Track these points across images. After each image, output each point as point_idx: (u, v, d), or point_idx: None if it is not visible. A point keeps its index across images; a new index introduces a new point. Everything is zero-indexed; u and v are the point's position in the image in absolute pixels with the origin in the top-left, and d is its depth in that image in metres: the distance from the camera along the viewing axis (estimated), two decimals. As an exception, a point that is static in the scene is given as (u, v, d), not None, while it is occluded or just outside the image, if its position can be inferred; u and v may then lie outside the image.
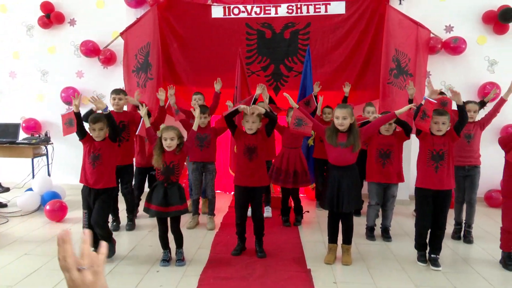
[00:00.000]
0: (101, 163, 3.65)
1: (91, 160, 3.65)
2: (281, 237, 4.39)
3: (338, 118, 3.55)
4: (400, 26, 5.59)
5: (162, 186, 3.58)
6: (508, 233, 3.65)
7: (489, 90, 5.81)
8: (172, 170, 3.60)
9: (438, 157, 3.58)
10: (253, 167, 3.79)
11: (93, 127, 3.65)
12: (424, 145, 3.66)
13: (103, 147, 3.68)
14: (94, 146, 3.68)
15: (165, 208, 3.56)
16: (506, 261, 3.67)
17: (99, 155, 3.65)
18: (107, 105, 3.74)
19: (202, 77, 5.93)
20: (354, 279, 3.40)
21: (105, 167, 3.68)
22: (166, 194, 3.55)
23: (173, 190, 3.58)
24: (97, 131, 3.64)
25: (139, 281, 3.32)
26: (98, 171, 3.65)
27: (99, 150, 3.66)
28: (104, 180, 3.67)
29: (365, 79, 5.78)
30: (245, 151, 3.80)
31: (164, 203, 3.54)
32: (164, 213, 3.59)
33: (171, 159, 3.60)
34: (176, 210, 3.60)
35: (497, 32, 5.91)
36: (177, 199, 3.58)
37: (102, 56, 6.28)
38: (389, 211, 4.40)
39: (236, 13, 5.86)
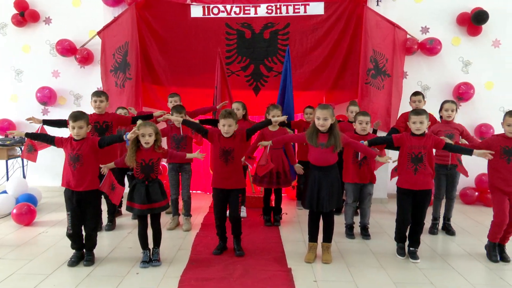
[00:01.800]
0: (81, 164, 3.54)
1: (71, 162, 3.55)
2: (261, 237, 4.40)
3: (319, 119, 3.59)
4: (377, 27, 5.69)
5: (143, 184, 3.54)
6: (498, 226, 3.75)
7: (464, 90, 6.00)
8: (152, 168, 3.57)
9: (417, 160, 3.68)
10: (229, 170, 3.78)
11: (73, 125, 3.53)
12: (403, 149, 3.76)
13: (83, 147, 3.56)
14: (73, 146, 3.57)
15: (148, 206, 3.54)
16: (490, 251, 3.81)
17: (79, 156, 3.54)
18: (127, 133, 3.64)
19: (182, 77, 5.90)
20: (334, 277, 3.43)
21: (86, 168, 3.56)
22: (148, 192, 3.52)
23: (154, 187, 3.56)
24: (76, 129, 3.53)
25: (118, 283, 3.27)
26: (79, 173, 3.54)
27: (79, 150, 3.55)
28: (86, 182, 3.56)
29: (343, 79, 5.86)
30: (221, 154, 3.78)
31: (146, 201, 3.52)
32: (147, 210, 3.56)
33: (150, 157, 3.57)
34: (160, 206, 3.59)
35: (470, 34, 6.06)
36: (159, 196, 3.57)
37: (79, 56, 6.17)
38: (367, 209, 4.47)
39: (215, 12, 5.85)
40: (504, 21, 6.03)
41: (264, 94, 5.87)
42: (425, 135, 3.74)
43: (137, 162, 3.55)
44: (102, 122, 4.46)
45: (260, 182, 4.81)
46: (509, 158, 3.67)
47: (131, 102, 5.61)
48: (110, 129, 4.51)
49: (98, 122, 4.44)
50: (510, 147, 3.67)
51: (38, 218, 4.98)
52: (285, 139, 4.16)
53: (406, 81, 6.08)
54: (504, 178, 3.69)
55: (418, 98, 4.98)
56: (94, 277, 3.39)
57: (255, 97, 5.90)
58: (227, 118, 3.72)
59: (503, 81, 6.11)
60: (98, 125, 4.44)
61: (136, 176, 3.59)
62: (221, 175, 3.81)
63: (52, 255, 3.87)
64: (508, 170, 3.67)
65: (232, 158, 3.77)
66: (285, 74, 5.41)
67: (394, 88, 5.82)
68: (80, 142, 3.58)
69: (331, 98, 5.89)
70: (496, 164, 3.72)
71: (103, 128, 4.47)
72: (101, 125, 4.46)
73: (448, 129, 4.47)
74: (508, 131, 3.68)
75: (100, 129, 4.45)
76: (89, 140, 3.62)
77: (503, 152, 3.69)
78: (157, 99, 5.98)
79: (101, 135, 4.40)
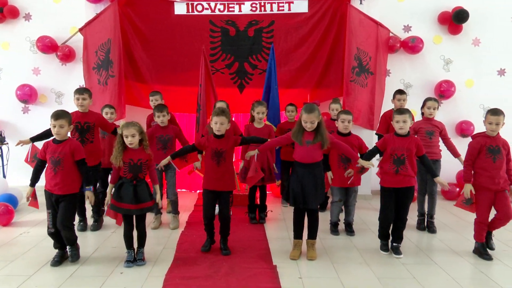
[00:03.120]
0: (62, 168, 3.47)
1: (52, 165, 3.48)
2: (247, 235, 4.41)
3: (306, 123, 3.59)
4: (361, 25, 5.74)
5: (130, 184, 3.50)
6: (481, 223, 3.85)
7: (445, 88, 6.10)
8: (140, 168, 3.53)
9: (399, 162, 3.76)
10: (221, 171, 3.78)
11: (54, 124, 3.46)
12: (387, 150, 3.83)
13: (64, 150, 3.47)
14: (53, 149, 3.49)
15: (135, 206, 3.50)
16: (481, 251, 3.86)
17: (60, 159, 3.47)
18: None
19: (166, 75, 5.86)
20: (319, 273, 3.46)
21: (68, 172, 3.49)
22: (136, 192, 3.49)
23: (142, 187, 3.53)
24: (57, 128, 3.46)
25: (102, 283, 3.23)
26: (59, 176, 3.47)
27: (60, 153, 3.47)
28: (66, 187, 3.49)
29: (328, 77, 5.89)
30: (213, 155, 3.77)
31: (134, 201, 3.48)
32: (134, 211, 3.52)
33: (139, 157, 3.53)
34: (147, 207, 3.55)
35: (451, 32, 6.17)
36: (146, 196, 3.54)
37: (60, 53, 6.06)
38: (352, 206, 4.52)
39: (199, 10, 5.82)
40: (484, 20, 6.15)
41: (248, 92, 5.87)
42: (409, 135, 3.81)
43: (125, 162, 3.51)
44: (83, 123, 4.35)
45: (245, 179, 4.80)
46: (495, 157, 3.74)
47: (114, 100, 5.55)
48: (91, 131, 4.41)
49: (79, 123, 4.34)
50: (494, 146, 3.75)
51: (19, 218, 4.90)
52: (272, 143, 4.08)
53: (389, 79, 6.16)
54: (491, 176, 3.76)
55: (403, 97, 5.06)
56: (77, 277, 3.35)
57: (240, 95, 5.90)
58: (220, 116, 3.71)
59: (482, 79, 6.24)
60: (79, 126, 4.34)
61: (124, 176, 3.54)
62: (213, 176, 3.79)
63: (33, 255, 3.80)
64: (494, 168, 3.74)
65: (223, 160, 3.77)
66: (269, 72, 5.42)
67: (377, 86, 5.88)
68: (60, 145, 3.49)
69: (315, 96, 5.93)
70: (482, 164, 3.78)
71: (84, 129, 4.36)
72: (82, 125, 4.35)
73: (429, 127, 4.57)
74: (490, 129, 3.76)
75: (81, 130, 4.34)
76: (71, 144, 3.53)
77: (488, 152, 3.76)
78: (141, 97, 5.92)
79: (81, 136, 4.33)
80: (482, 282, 3.34)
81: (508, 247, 4.12)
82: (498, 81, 6.25)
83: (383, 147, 3.86)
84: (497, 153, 3.74)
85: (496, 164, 3.73)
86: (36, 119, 6.16)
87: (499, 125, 3.73)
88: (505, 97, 6.16)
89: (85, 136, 4.35)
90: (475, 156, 3.82)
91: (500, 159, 3.74)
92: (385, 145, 3.85)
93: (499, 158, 3.74)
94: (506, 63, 6.22)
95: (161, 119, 4.53)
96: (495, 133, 3.76)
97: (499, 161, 3.73)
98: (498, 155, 3.74)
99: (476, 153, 3.81)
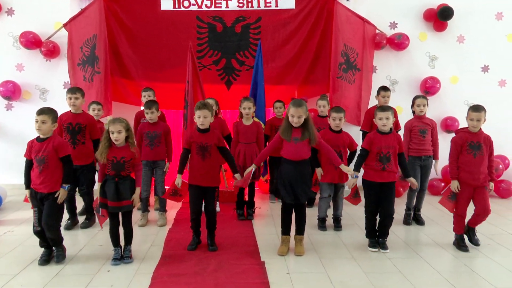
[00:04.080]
0: (47, 166, 3.43)
1: (37, 164, 3.44)
2: (235, 231, 4.41)
3: (294, 117, 3.60)
4: (348, 22, 5.77)
5: (112, 181, 3.48)
6: (459, 216, 3.95)
7: (431, 84, 6.17)
8: (123, 166, 3.50)
9: (386, 159, 3.82)
10: (206, 165, 3.77)
11: (36, 119, 3.42)
12: (373, 150, 3.87)
13: (48, 148, 3.43)
14: (37, 148, 3.44)
15: (117, 203, 3.47)
16: (459, 243, 3.96)
17: (44, 157, 3.43)
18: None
19: (152, 71, 5.81)
20: (307, 269, 3.48)
21: (53, 171, 3.45)
22: (117, 189, 3.46)
23: (124, 184, 3.49)
24: (39, 123, 3.41)
25: (89, 282, 3.20)
26: (44, 175, 3.43)
27: (44, 152, 3.43)
28: (51, 184, 3.46)
29: (315, 73, 5.91)
30: (198, 150, 3.76)
31: (116, 198, 3.46)
32: (116, 208, 3.49)
33: (122, 155, 3.50)
34: (128, 205, 3.51)
35: (436, 29, 6.24)
36: (127, 194, 3.49)
37: (44, 48, 5.96)
38: (339, 200, 4.56)
39: (186, 5, 5.78)
40: (468, 17, 6.23)
41: (236, 88, 5.85)
42: (391, 132, 3.86)
43: (108, 159, 3.48)
44: (75, 124, 4.30)
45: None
46: (475, 153, 3.81)
47: (100, 97, 5.49)
48: (83, 132, 4.36)
49: (71, 124, 4.30)
50: (475, 142, 3.82)
51: (4, 217, 4.83)
52: (267, 152, 3.93)
53: (375, 76, 6.20)
54: (470, 171, 3.83)
55: (387, 94, 5.12)
56: (63, 276, 3.31)
57: (227, 91, 5.88)
58: (202, 109, 3.70)
59: (467, 76, 6.33)
60: (70, 127, 4.30)
61: (107, 173, 3.51)
62: (198, 171, 3.78)
63: (18, 254, 3.75)
64: (474, 164, 3.81)
65: (209, 154, 3.76)
66: (256, 68, 5.41)
67: (364, 82, 5.93)
68: (44, 143, 3.45)
69: (303, 92, 5.95)
70: (463, 159, 3.86)
71: (75, 130, 4.31)
72: (74, 127, 4.31)
73: (421, 125, 4.63)
74: (471, 125, 3.83)
75: (72, 131, 4.30)
76: (54, 141, 3.48)
77: (469, 147, 3.83)
78: (127, 93, 5.87)
79: (72, 137, 4.28)
80: (466, 275, 3.40)
81: (492, 240, 4.20)
82: (482, 78, 6.35)
83: (369, 147, 3.89)
84: (477, 149, 3.82)
85: (476, 160, 3.81)
86: (20, 116, 6.07)
87: (480, 121, 3.80)
88: (488, 94, 6.28)
89: (77, 137, 4.30)
90: (458, 152, 3.90)
91: (481, 155, 3.81)
92: (370, 144, 3.88)
93: (480, 154, 3.81)
94: (489, 60, 6.32)
95: (149, 115, 4.50)
96: (476, 129, 3.83)
97: (480, 157, 3.81)
98: (479, 151, 3.81)
99: (459, 149, 3.89)
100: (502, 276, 3.36)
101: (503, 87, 6.38)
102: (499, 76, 6.36)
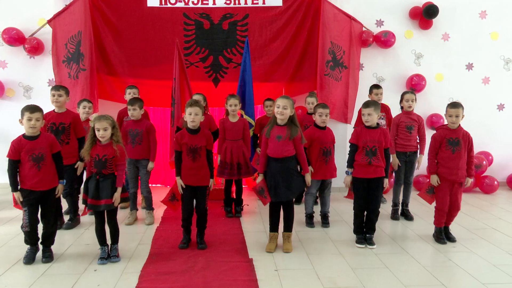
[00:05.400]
0: (45, 163, 3.41)
1: (35, 162, 3.38)
2: (223, 229, 4.41)
3: (279, 107, 3.64)
4: (335, 19, 5.79)
5: (94, 179, 3.45)
6: (440, 210, 4.06)
7: (416, 81, 6.24)
8: (104, 164, 3.46)
9: (372, 153, 3.87)
10: (197, 166, 3.77)
11: (30, 117, 3.35)
12: (359, 144, 3.92)
13: (43, 145, 3.41)
14: (31, 146, 3.39)
15: (96, 201, 3.45)
16: (438, 235, 4.09)
17: (42, 155, 3.40)
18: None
19: (139, 68, 5.75)
20: (295, 265, 3.50)
21: (50, 167, 3.48)
22: (98, 187, 3.43)
23: (105, 183, 3.45)
24: (33, 121, 3.36)
25: (75, 281, 3.17)
26: (43, 172, 3.41)
27: (41, 148, 3.40)
28: (50, 181, 3.48)
29: (302, 70, 5.92)
30: (188, 152, 3.76)
31: (96, 196, 3.43)
32: (95, 206, 3.46)
33: (104, 153, 3.46)
34: (106, 204, 3.46)
35: (422, 27, 6.30)
36: (108, 193, 3.45)
37: (28, 45, 5.85)
38: (327, 197, 4.59)
39: (173, 2, 5.73)
40: (453, 15, 6.31)
41: (223, 86, 5.83)
42: (378, 127, 3.91)
43: (92, 157, 3.46)
44: (58, 124, 4.22)
45: (221, 173, 4.81)
46: (454, 149, 3.93)
47: (85, 94, 5.42)
48: (67, 132, 4.27)
49: (54, 124, 4.22)
50: (454, 138, 3.93)
51: (-13, 217, 4.74)
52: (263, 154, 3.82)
53: (362, 73, 6.24)
54: (449, 166, 3.95)
55: (380, 91, 5.21)
56: (49, 276, 3.27)
57: (215, 89, 5.86)
58: (193, 106, 3.70)
59: (452, 73, 6.42)
60: (54, 127, 4.22)
61: (91, 170, 3.48)
62: (188, 172, 3.78)
63: (2, 254, 3.69)
64: (453, 159, 3.92)
65: (199, 156, 3.77)
66: (244, 66, 5.40)
67: (351, 79, 5.96)
68: (38, 141, 3.42)
69: (290, 89, 5.96)
70: (442, 155, 3.98)
71: (59, 130, 4.23)
72: (57, 127, 4.23)
73: (409, 121, 4.72)
74: (450, 122, 3.95)
75: (56, 131, 4.21)
76: (48, 138, 3.49)
77: (448, 144, 3.95)
78: (113, 91, 5.81)
79: (56, 137, 4.16)
80: (451, 269, 3.46)
81: (475, 235, 4.28)
82: (466, 75, 6.45)
83: (357, 141, 3.93)
84: (456, 145, 3.92)
85: (455, 156, 3.92)
86: (2, 114, 5.96)
87: (459, 118, 3.91)
88: (472, 91, 6.39)
89: (60, 137, 4.21)
90: (437, 148, 4.01)
91: (459, 151, 3.92)
92: (357, 138, 3.93)
93: (458, 150, 3.92)
94: (473, 58, 6.42)
95: (131, 112, 4.45)
96: (455, 126, 3.95)
97: (458, 153, 3.92)
98: (457, 147, 3.92)
99: (438, 145, 4.00)
100: (485, 270, 3.43)
101: (486, 84, 6.48)
102: (482, 74, 6.46)
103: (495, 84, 6.47)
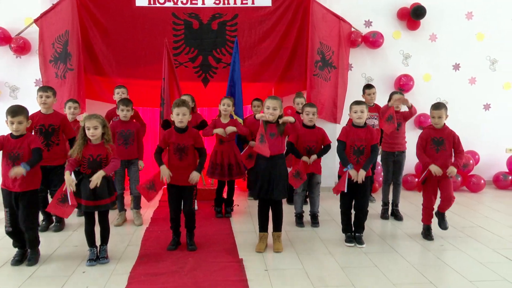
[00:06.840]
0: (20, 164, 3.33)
1: (11, 161, 3.34)
2: (212, 229, 4.40)
3: (269, 108, 3.66)
4: (324, 20, 5.82)
5: (88, 180, 3.39)
6: (427, 208, 4.15)
7: (404, 82, 6.30)
8: (99, 164, 3.43)
9: (359, 152, 3.91)
10: (183, 166, 3.75)
11: (12, 120, 3.31)
12: (347, 143, 3.95)
13: (23, 145, 3.36)
14: (12, 145, 3.35)
15: (93, 202, 3.40)
16: (426, 233, 4.17)
17: (18, 154, 3.34)
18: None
19: (127, 69, 5.71)
20: (285, 265, 3.51)
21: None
22: (94, 188, 3.38)
23: (101, 183, 3.40)
24: (15, 125, 3.32)
25: (64, 283, 3.14)
26: None
27: (19, 149, 3.35)
28: (26, 183, 3.36)
29: (291, 71, 5.94)
30: (175, 151, 3.74)
31: (92, 197, 3.39)
32: (93, 207, 3.43)
33: (98, 152, 3.43)
34: (105, 204, 3.45)
35: (410, 28, 6.36)
36: (105, 193, 3.43)
37: (14, 45, 5.76)
38: (316, 197, 4.60)
39: (161, 2, 5.70)
40: (440, 16, 6.38)
41: (213, 86, 5.82)
42: (366, 126, 3.95)
43: (85, 157, 3.41)
44: (47, 125, 4.16)
45: (212, 174, 4.80)
46: (438, 148, 4.02)
47: (73, 94, 5.36)
48: (56, 133, 4.22)
49: (43, 125, 4.16)
50: (438, 138, 4.03)
51: (-28, 219, 4.66)
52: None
53: (351, 73, 6.28)
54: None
55: (372, 91, 5.26)
56: (37, 278, 3.24)
57: (204, 89, 5.84)
58: (181, 106, 3.68)
59: (439, 73, 6.49)
60: (43, 128, 4.16)
61: (83, 172, 3.43)
62: (175, 172, 3.75)
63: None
64: (437, 158, 4.00)
65: (186, 155, 3.75)
66: (233, 66, 5.40)
67: (340, 79, 6.00)
68: (19, 140, 3.37)
69: (280, 89, 5.96)
70: (427, 153, 4.07)
71: (49, 132, 4.17)
72: (47, 128, 4.17)
73: (397, 119, 4.72)
74: (434, 123, 4.06)
75: (46, 133, 4.15)
76: (29, 138, 3.42)
77: (432, 143, 4.04)
78: (101, 91, 5.76)
79: (46, 139, 4.14)
80: (439, 268, 3.49)
81: (462, 233, 4.33)
82: (453, 75, 6.52)
83: (345, 138, 3.96)
84: (440, 144, 4.01)
85: (439, 155, 4.01)
86: (-11, 115, 5.86)
87: (442, 118, 4.01)
88: (459, 91, 6.47)
89: (50, 139, 4.16)
90: (423, 146, 4.10)
91: (443, 150, 4.01)
92: (346, 136, 3.95)
93: (442, 149, 4.01)
94: (460, 58, 6.50)
95: (124, 113, 4.43)
96: (439, 126, 4.04)
97: (442, 152, 4.01)
98: (441, 146, 4.01)
99: (424, 144, 4.09)
100: (473, 269, 3.47)
101: (473, 84, 6.57)
102: (469, 74, 6.55)
103: (482, 84, 6.56)
